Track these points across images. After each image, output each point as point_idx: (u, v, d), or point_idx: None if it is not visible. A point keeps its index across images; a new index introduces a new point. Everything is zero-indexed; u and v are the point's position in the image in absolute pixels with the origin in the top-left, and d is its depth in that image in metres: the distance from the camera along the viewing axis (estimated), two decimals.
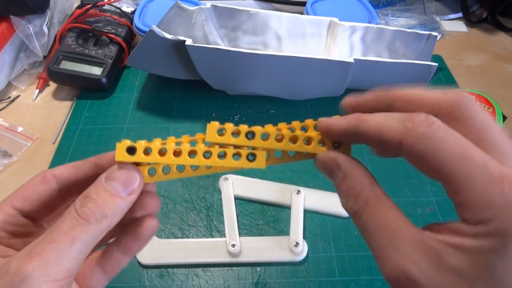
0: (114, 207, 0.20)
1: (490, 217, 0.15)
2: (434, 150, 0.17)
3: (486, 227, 0.15)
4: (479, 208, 0.15)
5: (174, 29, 0.49)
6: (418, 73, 0.48)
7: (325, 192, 0.41)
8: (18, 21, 0.53)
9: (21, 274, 0.17)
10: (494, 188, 0.15)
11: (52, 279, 0.18)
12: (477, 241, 0.16)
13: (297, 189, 0.40)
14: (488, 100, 0.48)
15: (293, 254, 0.36)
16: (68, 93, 0.54)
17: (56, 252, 0.18)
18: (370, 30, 0.53)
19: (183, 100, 0.52)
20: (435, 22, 0.67)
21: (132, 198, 0.21)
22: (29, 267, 0.17)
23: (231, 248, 0.36)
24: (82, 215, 0.19)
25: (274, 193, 0.41)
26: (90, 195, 0.20)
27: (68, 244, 0.18)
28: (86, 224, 0.19)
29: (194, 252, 0.36)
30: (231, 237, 0.37)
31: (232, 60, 0.44)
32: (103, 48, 0.54)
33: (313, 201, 0.40)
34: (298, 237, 0.37)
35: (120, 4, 0.62)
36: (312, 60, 0.43)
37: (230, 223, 0.38)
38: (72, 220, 0.19)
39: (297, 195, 0.40)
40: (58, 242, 0.18)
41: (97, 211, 0.19)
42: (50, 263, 0.18)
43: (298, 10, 0.63)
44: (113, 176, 0.20)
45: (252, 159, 0.22)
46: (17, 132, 0.48)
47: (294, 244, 0.36)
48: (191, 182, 0.43)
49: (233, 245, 0.36)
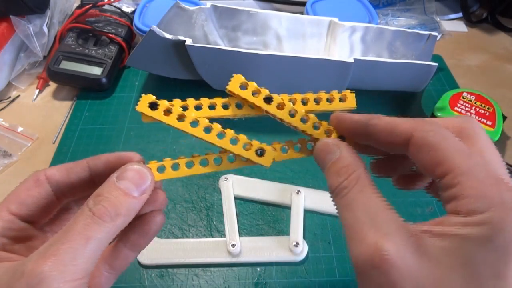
0: (128, 206, 0.20)
1: (483, 208, 0.16)
2: (440, 143, 0.18)
3: (478, 216, 0.16)
4: (474, 198, 0.16)
5: (174, 29, 0.49)
6: (418, 73, 0.48)
7: (325, 192, 0.41)
8: (18, 21, 0.53)
9: (38, 275, 0.17)
10: (492, 186, 0.16)
11: (69, 279, 0.17)
12: (463, 229, 0.16)
13: (297, 189, 0.40)
14: (488, 100, 0.48)
15: (293, 254, 0.36)
16: (68, 93, 0.54)
17: (71, 252, 0.18)
18: (370, 30, 0.53)
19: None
20: (435, 22, 0.67)
21: (144, 198, 0.21)
22: (45, 268, 0.17)
23: (231, 248, 0.36)
24: (97, 213, 0.19)
25: (274, 193, 0.41)
26: (102, 193, 0.20)
27: (83, 243, 0.18)
28: (101, 222, 0.19)
29: (194, 252, 0.36)
30: (231, 237, 0.37)
31: (232, 60, 0.44)
32: (103, 48, 0.54)
33: (313, 201, 0.40)
34: (298, 237, 0.37)
35: (120, 4, 0.62)
36: (312, 60, 0.43)
37: (230, 223, 0.38)
38: (86, 219, 0.19)
39: (297, 195, 0.40)
40: (73, 242, 0.18)
41: (112, 209, 0.19)
42: (66, 263, 0.17)
43: (298, 10, 0.63)
44: (125, 176, 0.20)
45: (260, 154, 0.23)
46: (17, 132, 0.48)
47: (294, 244, 0.36)
48: (191, 182, 0.43)
49: (233, 245, 0.36)
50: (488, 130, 0.45)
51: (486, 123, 0.45)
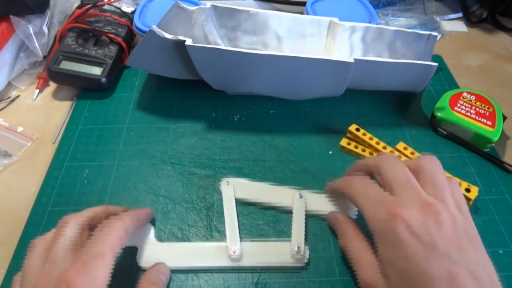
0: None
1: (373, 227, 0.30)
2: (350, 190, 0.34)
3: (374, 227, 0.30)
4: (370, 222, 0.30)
5: (174, 29, 0.49)
6: (418, 73, 0.48)
7: (325, 194, 0.41)
8: (18, 21, 0.53)
9: None
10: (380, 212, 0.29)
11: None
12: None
13: (299, 193, 0.40)
14: (488, 100, 0.48)
15: (295, 260, 0.36)
16: (68, 93, 0.54)
17: None
18: (370, 30, 0.53)
19: (183, 100, 0.52)
20: (435, 22, 0.67)
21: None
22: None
23: (232, 254, 0.36)
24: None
25: (276, 197, 0.40)
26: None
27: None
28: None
29: (194, 257, 0.36)
30: (232, 242, 0.36)
31: (232, 60, 0.44)
32: (103, 48, 0.54)
33: (314, 204, 0.40)
34: (300, 243, 0.36)
35: (120, 4, 0.62)
36: (312, 60, 0.43)
37: (231, 227, 0.38)
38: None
39: (299, 200, 0.40)
40: None
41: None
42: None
43: (298, 10, 0.63)
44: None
45: None
46: (17, 132, 0.48)
47: (296, 250, 0.36)
48: (191, 182, 0.43)
49: (234, 250, 0.36)
50: (488, 130, 0.45)
51: (486, 123, 0.45)
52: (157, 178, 0.43)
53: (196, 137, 0.47)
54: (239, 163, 0.44)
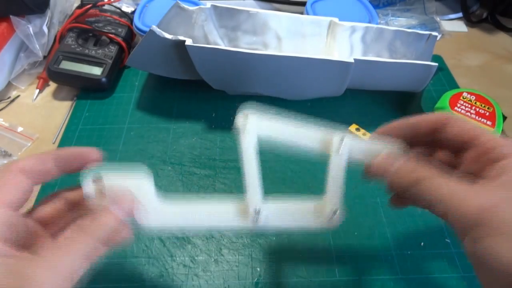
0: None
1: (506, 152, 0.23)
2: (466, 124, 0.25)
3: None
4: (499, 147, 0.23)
5: (174, 29, 0.49)
6: (418, 73, 0.48)
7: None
8: (18, 21, 0.53)
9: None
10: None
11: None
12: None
13: (341, 138, 0.31)
14: (488, 100, 0.48)
15: (327, 224, 0.29)
16: (68, 93, 0.54)
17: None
18: (370, 30, 0.53)
19: (183, 100, 0.52)
20: (435, 22, 0.67)
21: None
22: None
23: (253, 214, 0.29)
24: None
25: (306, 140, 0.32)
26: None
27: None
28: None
29: (209, 217, 0.30)
30: (252, 200, 0.29)
31: (232, 60, 0.44)
32: (103, 48, 0.54)
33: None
34: (336, 204, 0.29)
35: (120, 4, 0.62)
36: (312, 60, 0.43)
37: (251, 181, 0.30)
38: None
39: (339, 147, 0.30)
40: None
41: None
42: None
43: (298, 10, 0.63)
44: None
45: None
46: (17, 132, 0.48)
47: (331, 213, 0.29)
48: (191, 182, 0.43)
49: (257, 210, 0.29)
50: (488, 130, 0.45)
51: (486, 123, 0.45)
52: (157, 178, 0.43)
53: (196, 137, 0.47)
54: (239, 163, 0.44)
